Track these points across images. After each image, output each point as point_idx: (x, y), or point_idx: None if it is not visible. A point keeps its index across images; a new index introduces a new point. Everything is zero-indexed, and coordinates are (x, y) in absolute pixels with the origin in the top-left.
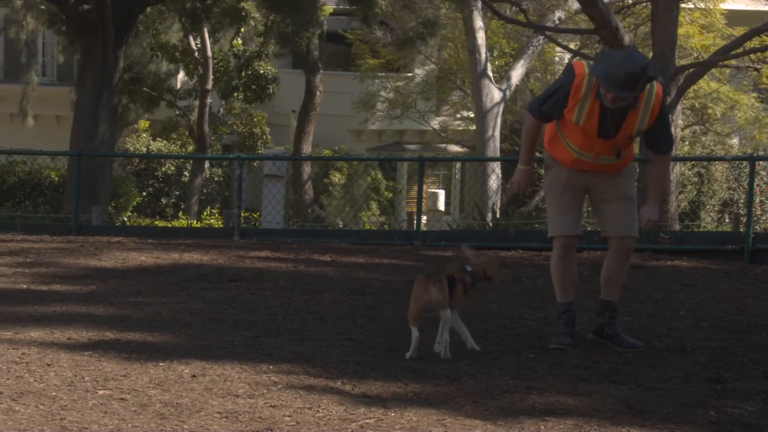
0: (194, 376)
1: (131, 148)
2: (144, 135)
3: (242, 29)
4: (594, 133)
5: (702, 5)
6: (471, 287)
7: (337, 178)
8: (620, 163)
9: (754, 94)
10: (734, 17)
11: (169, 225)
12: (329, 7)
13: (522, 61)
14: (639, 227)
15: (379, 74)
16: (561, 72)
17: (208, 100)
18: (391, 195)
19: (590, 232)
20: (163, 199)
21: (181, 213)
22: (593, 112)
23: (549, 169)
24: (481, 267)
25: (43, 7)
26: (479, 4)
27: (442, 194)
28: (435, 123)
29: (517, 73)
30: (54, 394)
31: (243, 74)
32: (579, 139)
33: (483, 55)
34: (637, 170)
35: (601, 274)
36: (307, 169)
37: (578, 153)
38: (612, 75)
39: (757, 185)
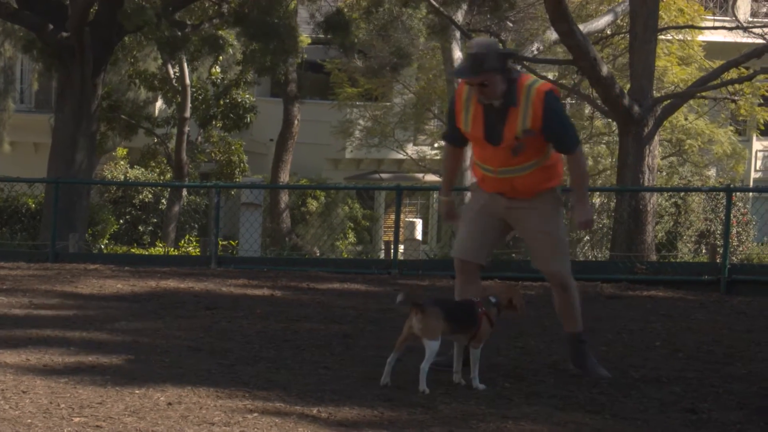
0: (170, 403)
1: (109, 175)
2: (122, 162)
3: (220, 58)
4: (481, 137)
5: (680, 37)
6: (496, 318)
7: (314, 206)
8: (529, 182)
9: (731, 127)
10: (712, 49)
11: (146, 253)
12: (307, 38)
13: None
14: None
15: (357, 103)
16: None
17: (186, 128)
18: (368, 224)
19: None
20: (140, 227)
21: (158, 241)
22: (477, 116)
23: (472, 193)
24: (506, 297)
25: (21, 34)
26: (458, 35)
27: (419, 223)
28: (413, 152)
29: None
30: (29, 421)
31: (221, 102)
32: (478, 151)
33: None
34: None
35: (556, 308)
36: (284, 197)
37: (484, 168)
38: (460, 63)
39: (734, 216)
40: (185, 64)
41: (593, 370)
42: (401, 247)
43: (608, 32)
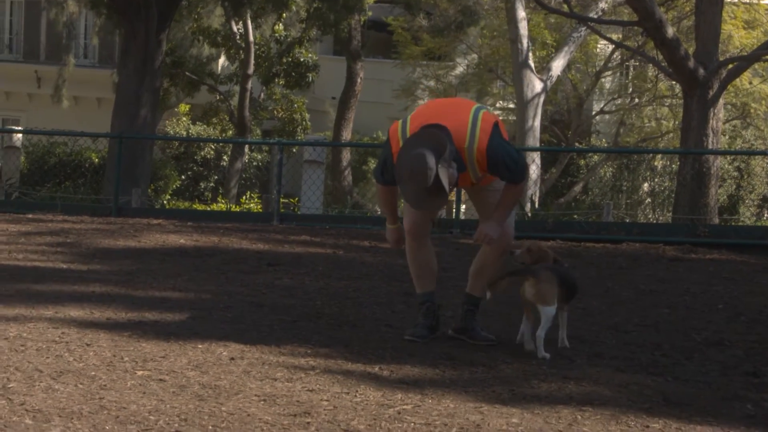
0: (233, 358)
1: (171, 131)
2: (184, 119)
3: (284, 15)
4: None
5: (746, 0)
6: None
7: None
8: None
9: None
10: None
11: (208, 209)
12: None
13: (563, 53)
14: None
15: (421, 62)
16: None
17: (249, 86)
18: None
19: (628, 224)
20: (202, 183)
21: (220, 197)
22: None
23: None
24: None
25: None
26: None
27: None
28: None
29: (558, 64)
30: (93, 373)
31: (284, 60)
32: None
33: (525, 45)
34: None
35: (471, 267)
36: (346, 155)
37: None
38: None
39: None
40: (249, 21)
41: (480, 334)
42: (463, 207)
43: None
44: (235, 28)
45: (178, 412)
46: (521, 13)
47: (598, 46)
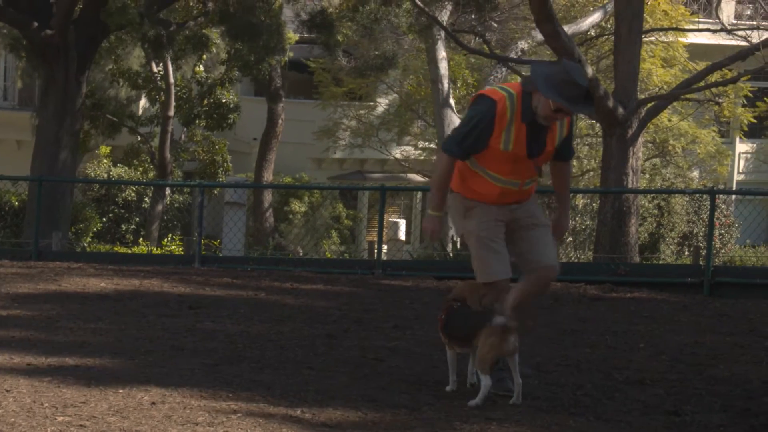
0: (154, 403)
1: (92, 173)
2: (105, 161)
3: (204, 56)
4: (524, 155)
5: (664, 39)
6: None
7: (297, 206)
8: (534, 185)
9: (715, 128)
10: (696, 51)
11: (130, 252)
12: (294, 36)
13: None
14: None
15: (342, 103)
16: (470, 104)
17: (170, 127)
18: (351, 224)
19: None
20: (123, 226)
21: (141, 240)
22: (521, 135)
23: (471, 210)
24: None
25: (5, 31)
26: (443, 35)
27: (402, 224)
28: (397, 152)
29: None
30: (12, 420)
31: (205, 102)
32: (507, 167)
33: (446, 85)
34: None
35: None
36: (268, 197)
37: (505, 182)
38: (569, 94)
39: (717, 218)
40: (169, 63)
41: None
42: (384, 248)
43: (593, 33)
44: (155, 69)
45: None
46: (442, 53)
47: None
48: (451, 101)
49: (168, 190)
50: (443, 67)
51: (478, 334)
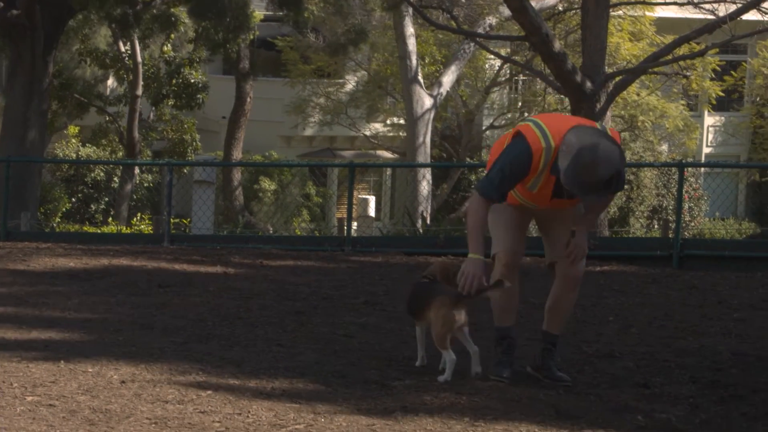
0: (123, 381)
1: (60, 154)
2: (73, 141)
3: (172, 36)
4: (548, 197)
5: (632, 13)
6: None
7: (267, 184)
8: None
9: (683, 101)
10: (663, 25)
11: (99, 231)
12: (259, 14)
13: (453, 68)
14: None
15: (310, 80)
16: (510, 139)
17: (138, 107)
18: (321, 201)
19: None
20: (92, 206)
21: (110, 219)
22: (549, 183)
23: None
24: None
25: None
26: (410, 11)
27: (372, 200)
28: (366, 129)
29: (448, 80)
30: None
31: (173, 81)
32: (529, 196)
33: (414, 62)
34: None
35: (547, 301)
36: (237, 175)
37: (525, 202)
38: (582, 182)
39: (686, 191)
40: (137, 42)
41: (556, 373)
42: (354, 224)
43: (560, 8)
44: (123, 49)
45: None
46: (410, 30)
47: (488, 61)
48: (420, 78)
49: (137, 170)
50: (411, 44)
51: (429, 306)
